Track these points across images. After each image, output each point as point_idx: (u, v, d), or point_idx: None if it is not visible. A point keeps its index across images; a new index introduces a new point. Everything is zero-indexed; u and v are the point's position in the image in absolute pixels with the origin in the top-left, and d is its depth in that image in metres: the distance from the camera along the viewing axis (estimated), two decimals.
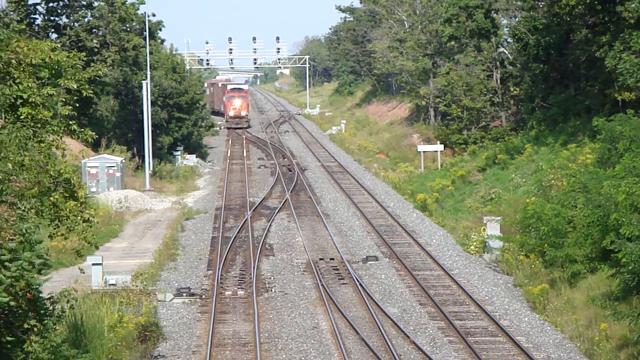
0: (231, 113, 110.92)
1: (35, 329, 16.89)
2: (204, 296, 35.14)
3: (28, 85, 22.05)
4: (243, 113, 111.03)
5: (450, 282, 36.92)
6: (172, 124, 78.92)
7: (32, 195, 20.53)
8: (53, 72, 23.02)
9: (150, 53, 72.25)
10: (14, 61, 22.23)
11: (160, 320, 31.29)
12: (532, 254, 37.18)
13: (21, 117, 22.01)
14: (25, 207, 18.17)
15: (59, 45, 24.17)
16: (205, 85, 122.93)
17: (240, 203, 56.76)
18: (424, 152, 70.84)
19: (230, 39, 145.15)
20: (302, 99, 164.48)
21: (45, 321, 17.12)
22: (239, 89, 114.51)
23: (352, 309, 33.16)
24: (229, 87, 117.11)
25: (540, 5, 61.06)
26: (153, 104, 72.52)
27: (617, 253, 27.88)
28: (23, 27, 27.62)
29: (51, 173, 21.88)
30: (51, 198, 21.94)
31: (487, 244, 41.05)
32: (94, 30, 70.10)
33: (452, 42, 74.27)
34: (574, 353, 28.47)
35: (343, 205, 55.66)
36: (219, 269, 38.62)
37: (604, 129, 39.36)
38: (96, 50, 69.20)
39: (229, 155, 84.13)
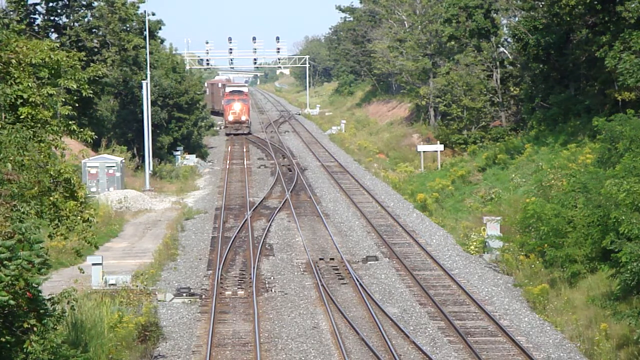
0: (230, 118, 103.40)
1: (35, 329, 16.87)
2: (204, 296, 35.13)
3: (28, 85, 22.05)
4: (243, 118, 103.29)
5: (450, 282, 36.90)
6: (172, 124, 78.93)
7: (32, 195, 20.53)
8: (53, 71, 23.03)
9: (150, 53, 72.23)
10: (14, 61, 22.23)
11: (160, 320, 31.30)
12: (532, 254, 37.16)
13: (21, 117, 22.01)
14: (24, 210, 18.15)
15: (57, 44, 24.17)
16: (205, 85, 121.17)
17: (240, 203, 56.75)
18: (424, 152, 70.78)
19: (230, 39, 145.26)
20: (302, 98, 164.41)
21: (45, 321, 17.10)
22: (239, 91, 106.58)
23: (352, 309, 33.14)
24: (228, 89, 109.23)
25: (540, 5, 61.02)
26: (153, 103, 72.51)
27: (617, 253, 27.88)
28: (23, 27, 27.64)
29: (51, 173, 21.87)
30: (51, 198, 21.93)
31: (487, 244, 41.04)
32: (94, 30, 70.10)
33: (452, 42, 74.27)
34: (574, 353, 28.47)
35: (343, 205, 55.64)
36: (219, 269, 38.61)
37: (604, 129, 39.36)
38: (96, 50, 69.21)
39: (228, 155, 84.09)
